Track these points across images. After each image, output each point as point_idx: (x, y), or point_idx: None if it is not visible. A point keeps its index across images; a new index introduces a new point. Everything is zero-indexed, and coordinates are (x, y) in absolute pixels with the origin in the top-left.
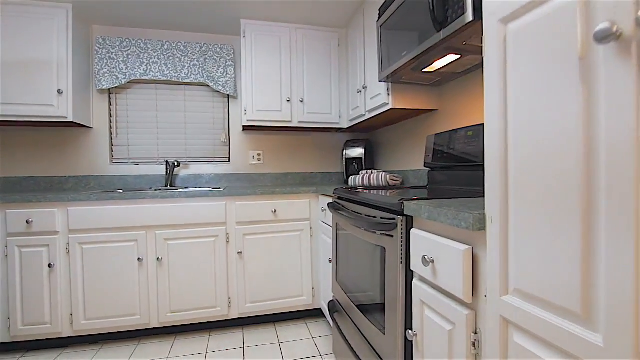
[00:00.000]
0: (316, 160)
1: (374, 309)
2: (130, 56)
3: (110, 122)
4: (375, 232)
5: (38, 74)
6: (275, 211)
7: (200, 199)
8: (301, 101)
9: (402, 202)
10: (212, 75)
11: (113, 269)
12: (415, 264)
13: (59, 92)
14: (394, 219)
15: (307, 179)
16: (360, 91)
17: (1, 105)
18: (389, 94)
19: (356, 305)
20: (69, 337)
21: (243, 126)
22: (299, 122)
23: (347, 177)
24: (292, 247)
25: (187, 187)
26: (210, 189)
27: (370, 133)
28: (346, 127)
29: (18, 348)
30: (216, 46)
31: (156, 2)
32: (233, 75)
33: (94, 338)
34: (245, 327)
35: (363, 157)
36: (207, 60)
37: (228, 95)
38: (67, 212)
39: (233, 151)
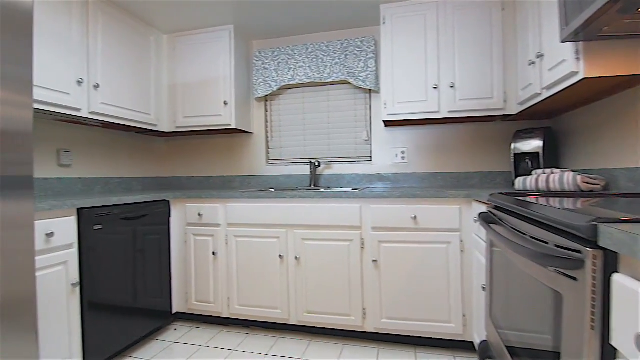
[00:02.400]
0: (473, 157)
1: None
2: (280, 64)
3: (266, 126)
4: (544, 267)
5: (209, 89)
6: (415, 218)
7: (334, 200)
8: (451, 86)
9: (596, 225)
10: (352, 71)
11: (259, 263)
12: (622, 340)
13: (225, 103)
14: (579, 251)
15: (461, 180)
16: (534, 62)
17: (185, 119)
18: (578, 59)
19: None
20: (227, 318)
21: (384, 122)
22: (449, 111)
23: (517, 178)
24: (436, 261)
25: (329, 187)
26: (349, 190)
27: (552, 119)
28: (515, 113)
29: (192, 319)
30: (357, 40)
31: (303, 7)
32: (374, 69)
33: (245, 323)
34: (381, 344)
35: (541, 152)
36: (347, 57)
37: (369, 90)
38: (226, 208)
39: (375, 150)
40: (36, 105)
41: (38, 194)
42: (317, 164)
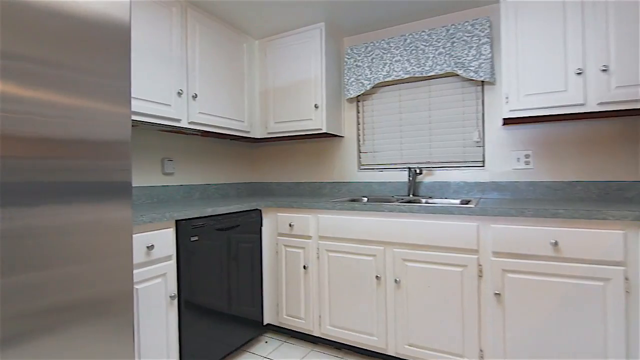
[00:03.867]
0: (630, 161)
1: None
2: (374, 60)
3: (358, 129)
4: None
5: (299, 93)
6: (556, 243)
7: (442, 215)
8: (604, 70)
9: None
10: (460, 60)
11: (353, 282)
12: None
13: (316, 106)
14: None
15: (611, 192)
16: None
17: (276, 124)
18: None
19: None
20: (317, 337)
21: (504, 119)
22: (599, 103)
23: None
24: (587, 302)
25: (430, 197)
26: (456, 202)
27: None
28: None
29: (283, 332)
30: (466, 24)
31: None
32: (489, 56)
33: (336, 344)
34: None
35: None
36: (454, 44)
37: (482, 82)
38: (317, 219)
39: (488, 153)
40: (143, 118)
41: (145, 202)
42: (417, 170)
